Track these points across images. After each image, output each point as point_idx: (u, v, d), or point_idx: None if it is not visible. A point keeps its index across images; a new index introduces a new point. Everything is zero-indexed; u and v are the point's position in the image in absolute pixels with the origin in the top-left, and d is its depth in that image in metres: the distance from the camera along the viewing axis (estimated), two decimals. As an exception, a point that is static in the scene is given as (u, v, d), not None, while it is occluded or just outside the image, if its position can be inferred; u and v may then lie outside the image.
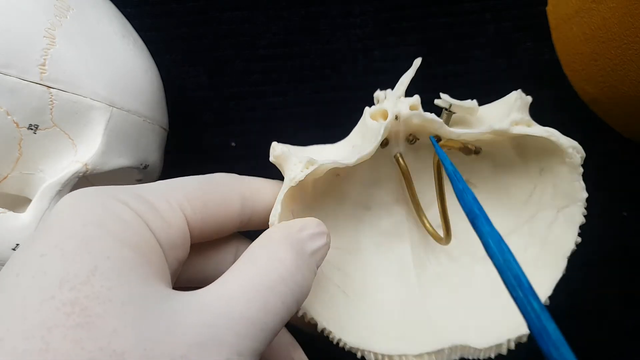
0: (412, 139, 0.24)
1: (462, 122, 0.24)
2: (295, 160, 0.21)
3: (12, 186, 0.21)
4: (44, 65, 0.20)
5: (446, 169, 0.19)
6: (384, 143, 0.24)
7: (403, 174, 0.24)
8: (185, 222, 0.17)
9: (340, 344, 0.22)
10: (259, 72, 0.31)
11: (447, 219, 0.23)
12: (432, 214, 0.25)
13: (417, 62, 0.23)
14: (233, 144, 0.31)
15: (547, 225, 0.24)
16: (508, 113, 0.23)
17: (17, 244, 0.20)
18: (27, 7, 0.20)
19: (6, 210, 0.20)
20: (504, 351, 0.23)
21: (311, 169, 0.21)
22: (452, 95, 0.23)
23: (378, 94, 0.24)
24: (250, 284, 0.15)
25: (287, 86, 0.31)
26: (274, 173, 0.31)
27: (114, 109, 0.22)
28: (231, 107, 0.31)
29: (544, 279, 0.23)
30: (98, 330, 0.12)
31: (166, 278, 0.16)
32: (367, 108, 0.23)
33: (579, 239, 0.23)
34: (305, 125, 0.31)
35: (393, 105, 0.22)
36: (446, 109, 0.23)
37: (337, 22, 0.31)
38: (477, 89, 0.31)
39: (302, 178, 0.20)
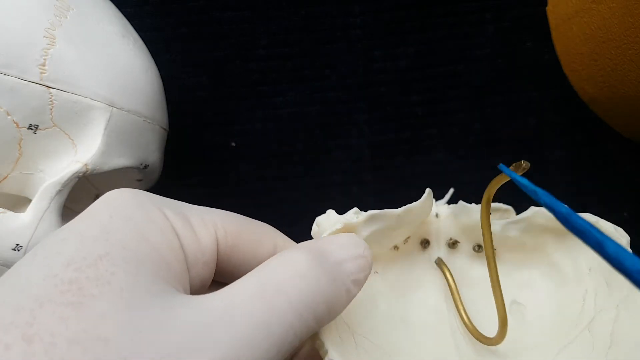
0: (452, 242, 0.24)
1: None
2: (339, 216, 0.21)
3: (12, 186, 0.21)
4: (44, 65, 0.20)
5: (536, 196, 0.15)
6: (424, 242, 0.24)
7: (446, 277, 0.23)
8: (215, 243, 0.17)
9: None
10: (259, 72, 0.31)
11: (502, 311, 0.21)
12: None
13: (450, 191, 0.24)
14: (233, 144, 0.31)
15: (610, 322, 0.22)
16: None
17: (17, 244, 0.20)
18: (27, 7, 0.20)
19: (6, 210, 0.20)
20: None
21: (355, 219, 0.20)
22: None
23: None
24: (256, 283, 0.15)
25: (287, 86, 0.31)
26: (274, 173, 0.31)
27: (114, 108, 0.22)
28: (231, 107, 0.31)
29: None
30: (87, 311, 0.12)
31: (183, 287, 0.15)
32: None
33: None
34: (305, 125, 0.31)
35: (434, 205, 0.24)
36: None
37: (337, 22, 0.31)
38: (477, 89, 0.31)
39: (348, 221, 0.20)
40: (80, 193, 0.24)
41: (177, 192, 0.31)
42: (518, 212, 0.24)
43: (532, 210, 0.23)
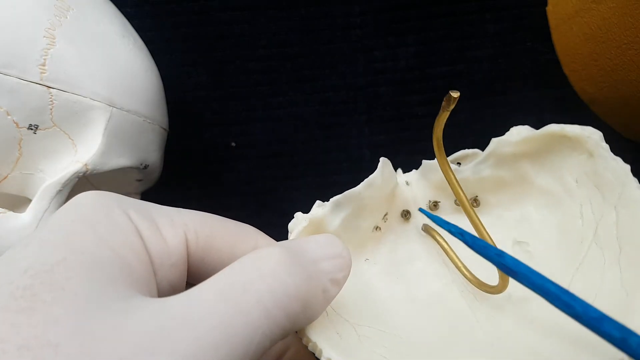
0: (433, 204, 0.24)
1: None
2: (305, 214, 0.20)
3: (12, 186, 0.21)
4: (44, 65, 0.20)
5: (457, 236, 0.16)
6: (405, 213, 0.23)
7: (437, 240, 0.23)
8: (184, 244, 0.16)
9: None
10: (259, 72, 0.31)
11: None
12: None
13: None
14: (233, 144, 0.31)
15: (613, 226, 0.21)
16: None
17: (17, 244, 0.20)
18: (27, 7, 0.20)
19: (6, 210, 0.20)
20: None
21: (321, 211, 0.20)
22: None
23: None
24: (223, 282, 0.14)
25: (287, 86, 0.31)
26: (274, 173, 0.31)
27: (114, 109, 0.22)
28: (231, 107, 0.31)
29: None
30: (38, 317, 0.12)
31: (148, 290, 0.14)
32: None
33: None
34: (305, 125, 0.31)
35: (402, 175, 0.23)
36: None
37: (337, 22, 0.31)
38: (477, 89, 0.31)
39: (313, 215, 0.20)
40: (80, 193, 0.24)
41: (177, 192, 0.31)
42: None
43: (494, 141, 0.22)
